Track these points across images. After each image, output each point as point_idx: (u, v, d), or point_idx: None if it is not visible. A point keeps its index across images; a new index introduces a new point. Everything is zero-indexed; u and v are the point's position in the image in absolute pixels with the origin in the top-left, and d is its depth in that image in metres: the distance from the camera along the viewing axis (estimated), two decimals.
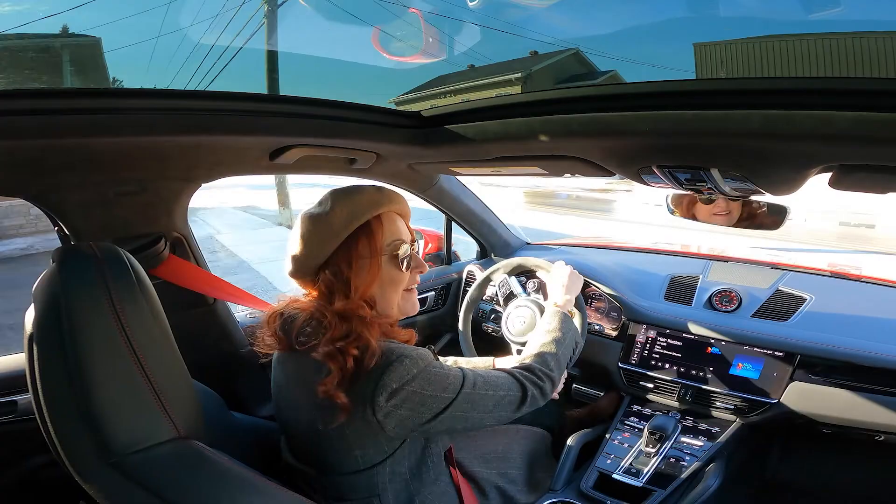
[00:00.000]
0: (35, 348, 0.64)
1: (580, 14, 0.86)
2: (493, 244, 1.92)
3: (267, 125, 0.88)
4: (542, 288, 1.64)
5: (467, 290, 1.79)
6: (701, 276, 1.58)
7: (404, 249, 0.91)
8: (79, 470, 0.62)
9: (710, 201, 1.06)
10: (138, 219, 1.09)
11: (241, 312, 1.44)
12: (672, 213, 1.14)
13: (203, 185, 1.16)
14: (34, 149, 0.80)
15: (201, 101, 0.80)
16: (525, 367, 0.99)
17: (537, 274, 1.56)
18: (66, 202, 1.00)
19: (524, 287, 1.55)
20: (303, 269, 0.89)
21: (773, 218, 1.17)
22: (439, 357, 1.26)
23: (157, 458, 0.63)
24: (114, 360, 0.63)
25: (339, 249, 0.87)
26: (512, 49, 0.95)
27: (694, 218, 1.14)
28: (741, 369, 1.32)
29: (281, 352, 0.91)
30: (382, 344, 0.81)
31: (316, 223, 0.87)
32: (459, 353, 1.50)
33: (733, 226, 1.17)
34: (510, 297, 1.53)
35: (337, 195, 0.89)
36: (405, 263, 0.91)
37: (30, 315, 0.67)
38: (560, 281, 1.28)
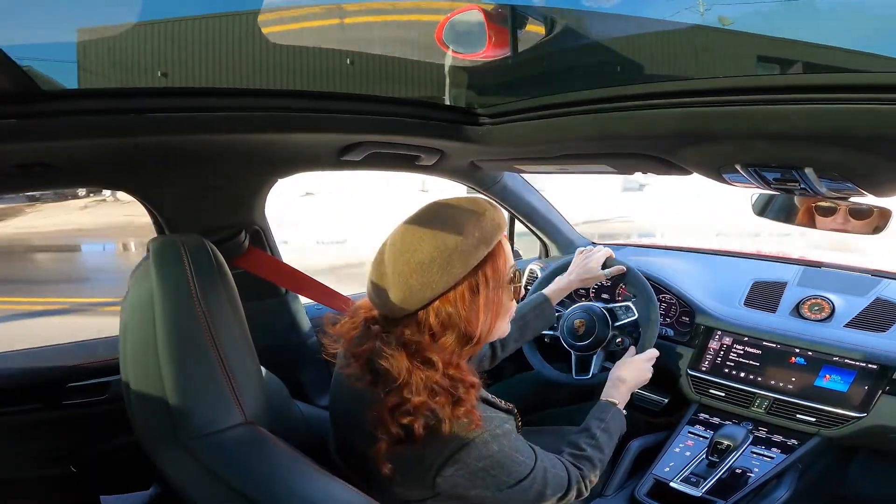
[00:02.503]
0: (128, 331, 0.70)
1: None
2: (556, 243, 1.88)
3: (338, 122, 0.91)
4: (603, 290, 1.58)
5: (528, 290, 1.76)
6: (789, 283, 1.47)
7: (518, 276, 0.82)
8: (154, 451, 0.66)
9: (830, 212, 0.95)
10: (223, 211, 1.17)
11: (309, 303, 1.50)
12: (760, 213, 1.04)
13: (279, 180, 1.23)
14: (135, 146, 0.88)
15: (279, 100, 0.84)
16: (580, 472, 0.91)
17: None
18: (162, 196, 1.09)
19: (587, 291, 1.51)
20: (406, 303, 0.73)
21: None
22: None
23: (223, 442, 0.66)
24: (194, 345, 0.67)
25: (464, 281, 0.73)
26: None
27: (812, 223, 1.02)
28: (828, 381, 1.23)
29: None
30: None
31: (441, 246, 0.72)
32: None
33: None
34: (571, 296, 1.49)
35: (456, 211, 0.76)
36: (518, 291, 0.83)
37: (125, 300, 0.73)
38: (628, 380, 1.14)
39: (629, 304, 1.34)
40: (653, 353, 1.23)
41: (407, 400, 0.70)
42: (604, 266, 1.33)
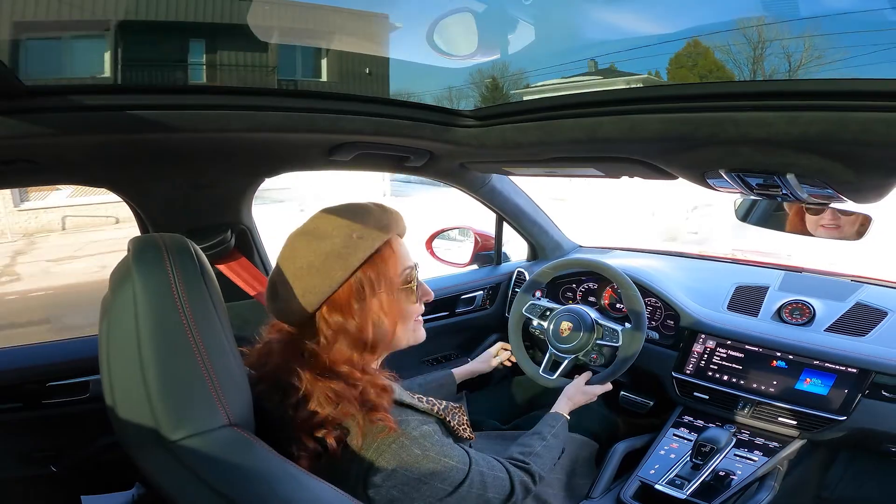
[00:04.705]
0: (108, 331, 0.68)
1: None
2: (544, 245, 1.89)
3: (326, 122, 0.90)
4: (590, 293, 1.60)
5: (517, 292, 1.77)
6: (770, 287, 1.50)
7: (415, 278, 0.82)
8: (136, 452, 0.65)
9: (818, 212, 0.97)
10: (209, 210, 1.16)
11: None
12: (743, 218, 1.05)
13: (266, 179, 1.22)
14: (121, 143, 0.87)
15: (267, 99, 0.84)
16: (523, 468, 0.92)
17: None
18: (146, 194, 1.08)
19: (574, 293, 1.52)
20: (295, 311, 0.75)
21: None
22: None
23: (207, 444, 0.64)
24: (177, 347, 0.65)
25: (346, 284, 0.74)
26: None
27: (803, 228, 1.04)
28: (809, 384, 1.25)
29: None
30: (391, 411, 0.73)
31: (318, 250, 0.73)
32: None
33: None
34: (559, 298, 1.51)
35: (338, 216, 0.77)
36: (417, 294, 0.83)
37: (106, 299, 0.71)
38: (568, 394, 1.25)
39: (619, 331, 1.37)
40: (607, 387, 1.30)
41: (315, 413, 0.71)
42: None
